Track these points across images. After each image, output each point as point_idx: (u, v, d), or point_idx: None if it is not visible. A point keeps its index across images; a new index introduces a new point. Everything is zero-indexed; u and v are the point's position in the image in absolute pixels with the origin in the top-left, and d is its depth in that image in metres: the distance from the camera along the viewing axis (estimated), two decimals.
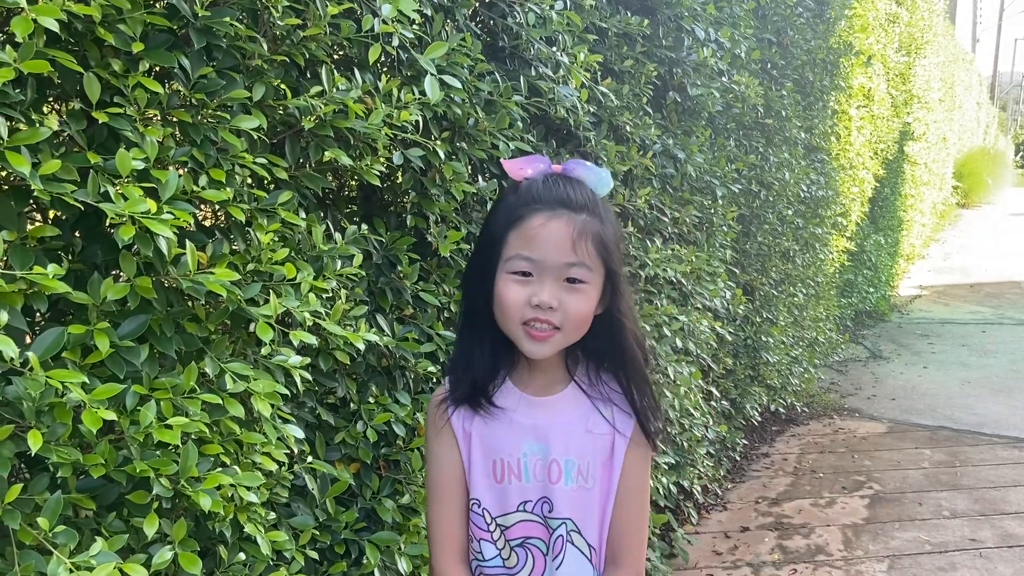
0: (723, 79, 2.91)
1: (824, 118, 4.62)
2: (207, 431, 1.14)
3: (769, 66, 3.71)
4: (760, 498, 3.75)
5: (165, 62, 1.08)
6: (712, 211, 3.09)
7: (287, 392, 1.27)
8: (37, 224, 1.02)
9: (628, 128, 2.36)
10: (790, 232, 4.24)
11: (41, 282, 0.91)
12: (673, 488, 2.95)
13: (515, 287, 1.17)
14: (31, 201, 1.04)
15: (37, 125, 0.95)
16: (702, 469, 3.30)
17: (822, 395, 5.16)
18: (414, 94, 1.48)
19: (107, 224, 1.13)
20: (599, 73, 2.18)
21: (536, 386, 1.28)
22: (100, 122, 1.04)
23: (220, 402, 1.16)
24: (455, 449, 1.28)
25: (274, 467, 1.28)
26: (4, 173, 0.98)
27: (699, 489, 3.39)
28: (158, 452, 1.09)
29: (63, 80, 1.03)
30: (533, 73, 1.91)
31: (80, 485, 1.07)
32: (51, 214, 1.10)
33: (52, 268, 0.92)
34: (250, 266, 1.24)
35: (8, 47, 0.89)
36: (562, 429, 1.26)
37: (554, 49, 1.91)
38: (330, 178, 1.49)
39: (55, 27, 0.89)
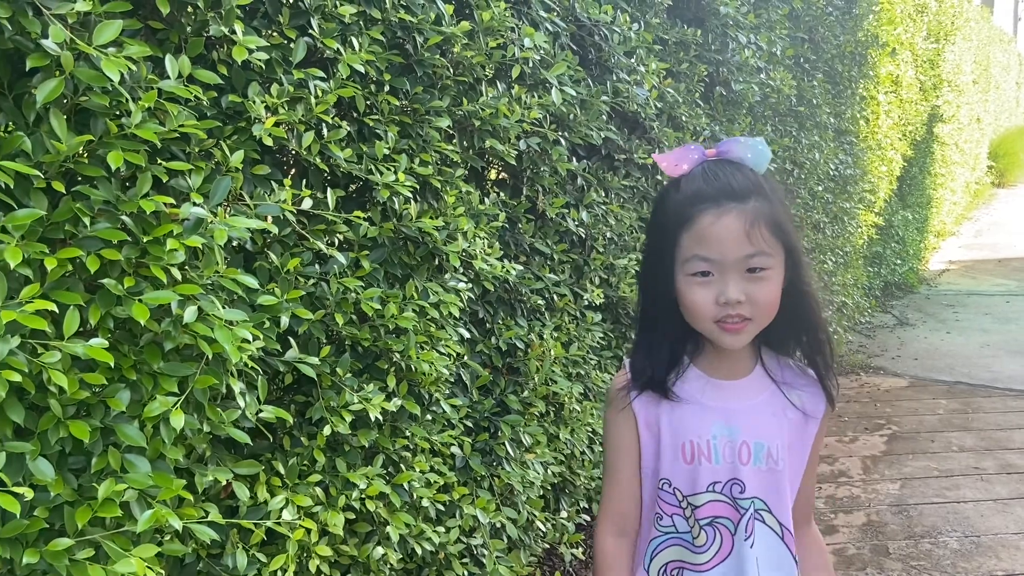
0: (761, 75, 3.46)
1: (852, 104, 5.10)
2: (418, 325, 1.75)
3: (802, 60, 4.23)
4: None
5: (400, 85, 1.68)
6: None
7: (461, 305, 1.87)
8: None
9: (684, 118, 2.92)
10: (820, 206, 4.75)
11: (353, 222, 1.52)
12: None
13: (699, 289, 1.18)
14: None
15: (337, 128, 1.56)
16: None
17: (851, 355, 5.67)
18: (536, 98, 2.07)
19: (353, 188, 1.75)
20: (662, 74, 2.76)
21: (722, 370, 1.30)
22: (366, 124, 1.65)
23: (425, 306, 1.77)
24: (632, 432, 1.32)
25: (453, 355, 1.89)
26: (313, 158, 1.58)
27: None
28: (394, 335, 1.71)
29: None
30: (614, 77, 2.50)
31: (352, 355, 1.68)
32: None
33: (355, 214, 1.53)
34: (440, 219, 1.84)
35: (330, 81, 1.50)
36: (751, 412, 1.28)
37: (632, 60, 2.49)
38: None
39: (361, 68, 1.49)
